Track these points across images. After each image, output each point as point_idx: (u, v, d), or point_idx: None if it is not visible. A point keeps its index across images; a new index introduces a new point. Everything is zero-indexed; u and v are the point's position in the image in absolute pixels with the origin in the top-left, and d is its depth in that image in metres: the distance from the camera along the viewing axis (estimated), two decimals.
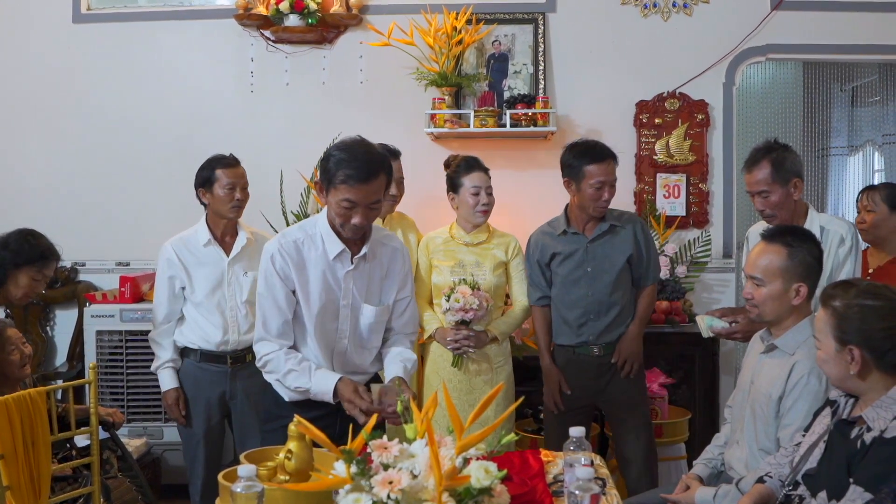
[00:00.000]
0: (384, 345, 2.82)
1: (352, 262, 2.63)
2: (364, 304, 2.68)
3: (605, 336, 3.43)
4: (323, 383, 2.56)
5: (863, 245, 3.81)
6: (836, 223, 3.08)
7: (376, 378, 2.83)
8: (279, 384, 2.65)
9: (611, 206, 3.46)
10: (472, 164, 3.54)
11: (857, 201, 3.82)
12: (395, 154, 3.54)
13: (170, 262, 3.44)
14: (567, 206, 3.54)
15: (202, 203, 3.52)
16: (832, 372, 2.18)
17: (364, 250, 2.63)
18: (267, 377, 2.68)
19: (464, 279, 3.40)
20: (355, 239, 2.61)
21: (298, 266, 2.60)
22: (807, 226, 3.00)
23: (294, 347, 2.65)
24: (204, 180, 3.47)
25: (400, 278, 2.76)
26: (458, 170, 3.54)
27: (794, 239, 2.56)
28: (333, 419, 2.59)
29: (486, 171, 3.54)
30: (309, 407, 2.58)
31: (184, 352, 3.50)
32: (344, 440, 1.79)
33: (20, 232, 3.32)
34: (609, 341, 3.43)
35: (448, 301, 3.34)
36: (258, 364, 2.66)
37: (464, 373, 3.45)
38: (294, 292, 2.61)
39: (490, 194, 3.51)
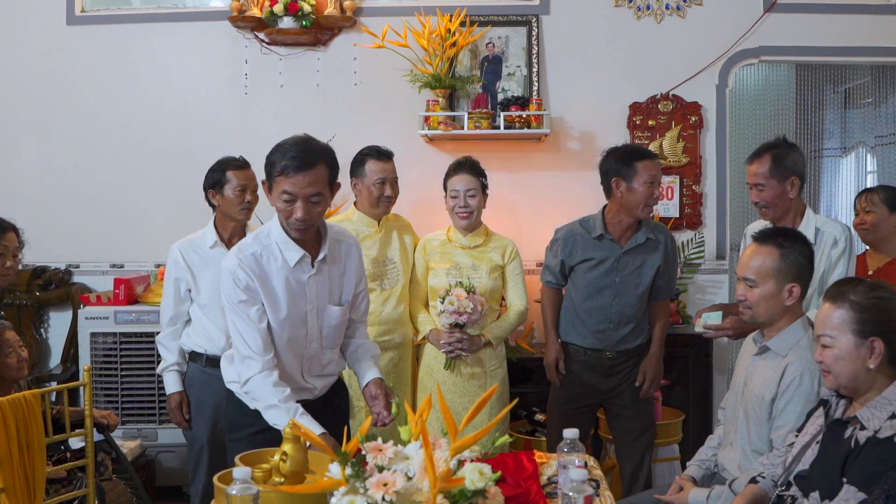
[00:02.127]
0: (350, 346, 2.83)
1: (313, 266, 2.58)
2: (328, 306, 2.66)
3: (620, 345, 3.44)
4: (310, 425, 2.43)
5: (862, 247, 3.84)
6: (831, 225, 3.10)
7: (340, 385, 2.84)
8: (254, 403, 2.55)
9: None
10: (456, 167, 3.55)
11: (855, 203, 3.84)
12: (388, 155, 3.54)
13: (176, 263, 3.42)
14: (604, 209, 3.48)
15: (211, 205, 3.50)
16: (846, 370, 2.14)
17: (323, 253, 2.60)
18: (246, 400, 2.57)
19: (460, 282, 3.40)
20: (305, 238, 2.55)
21: (262, 279, 2.53)
22: (803, 226, 3.02)
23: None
24: (214, 182, 3.45)
25: (357, 273, 2.74)
26: (448, 172, 3.56)
27: (786, 240, 2.57)
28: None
29: (475, 173, 3.53)
30: None
31: (191, 356, 3.47)
32: None
33: None
34: (622, 349, 3.44)
35: (442, 303, 3.35)
36: (240, 385, 2.55)
37: (458, 375, 3.46)
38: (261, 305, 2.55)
39: (472, 196, 3.49)
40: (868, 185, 6.27)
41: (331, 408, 2.75)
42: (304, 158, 2.42)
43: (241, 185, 3.43)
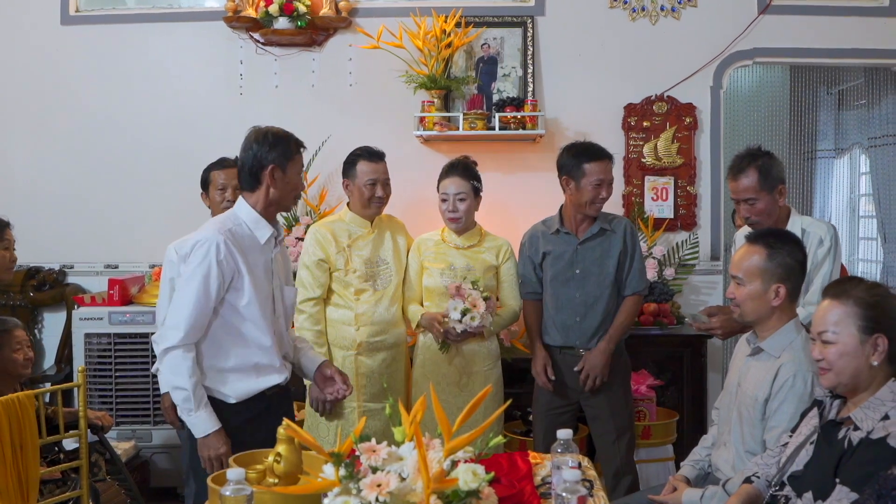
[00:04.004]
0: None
1: (276, 245, 2.75)
2: (285, 286, 2.82)
3: (591, 341, 3.44)
4: (207, 419, 2.57)
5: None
6: (816, 225, 3.12)
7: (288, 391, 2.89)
8: (165, 373, 2.63)
9: (602, 210, 3.51)
10: (448, 170, 3.55)
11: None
12: (379, 155, 3.54)
13: (170, 263, 3.40)
14: (562, 206, 3.55)
15: (209, 207, 3.54)
16: (849, 366, 2.14)
17: (282, 233, 2.80)
18: (160, 367, 2.64)
19: (474, 282, 3.40)
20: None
21: (241, 252, 2.62)
22: (789, 227, 3.04)
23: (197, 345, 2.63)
24: (203, 183, 3.51)
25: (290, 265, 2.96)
26: (441, 174, 3.56)
27: (776, 241, 2.59)
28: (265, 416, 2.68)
29: (467, 176, 3.51)
30: (240, 411, 2.65)
31: None
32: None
33: None
34: (594, 346, 3.44)
35: (462, 316, 3.33)
36: (157, 349, 2.61)
37: (452, 374, 3.46)
38: (230, 283, 2.61)
39: (462, 200, 3.48)
40: (861, 187, 6.32)
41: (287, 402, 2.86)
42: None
43: (223, 183, 3.46)
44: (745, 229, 3.24)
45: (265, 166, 2.65)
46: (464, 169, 3.53)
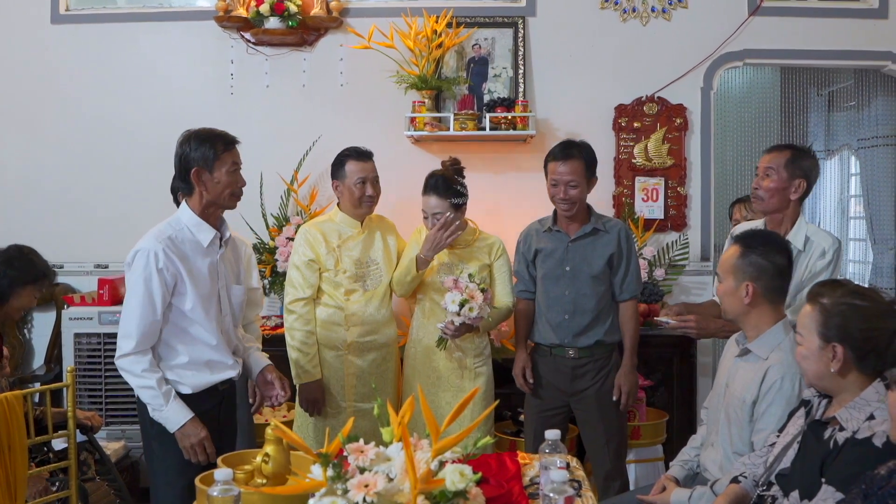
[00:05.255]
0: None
1: (221, 246, 2.81)
2: (233, 285, 2.89)
3: (580, 339, 3.44)
4: (179, 411, 2.65)
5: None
6: (821, 235, 3.09)
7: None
8: (129, 378, 2.67)
9: (598, 212, 3.54)
10: (428, 187, 3.46)
11: (730, 212, 3.83)
12: (367, 155, 3.53)
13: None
14: None
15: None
16: (812, 368, 2.19)
17: (228, 233, 2.85)
18: (124, 375, 2.68)
19: (471, 275, 3.39)
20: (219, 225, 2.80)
21: (182, 258, 2.68)
22: (793, 232, 3.05)
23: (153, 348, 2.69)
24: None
25: (246, 264, 3.04)
26: (423, 186, 3.49)
27: (752, 240, 2.64)
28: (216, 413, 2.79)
29: (447, 195, 3.41)
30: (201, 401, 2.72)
31: None
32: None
33: (20, 249, 3.42)
34: (585, 345, 3.44)
35: (461, 308, 3.32)
36: (119, 362, 2.67)
37: (443, 373, 3.47)
38: (174, 287, 2.67)
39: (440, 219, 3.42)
40: (851, 188, 6.35)
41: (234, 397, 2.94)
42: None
43: None
44: (742, 226, 3.25)
45: (189, 169, 2.69)
46: (443, 186, 3.43)
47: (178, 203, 3.50)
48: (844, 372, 2.15)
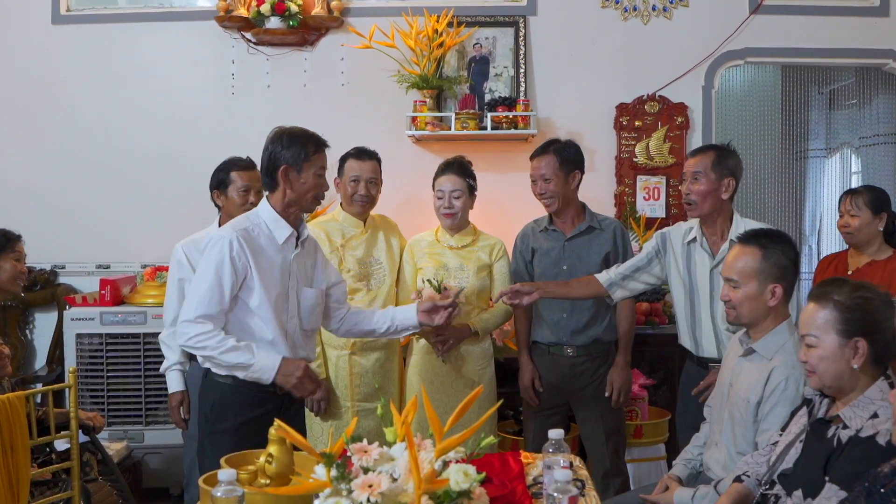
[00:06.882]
0: (352, 319, 3.02)
1: (297, 246, 2.74)
2: (304, 288, 2.79)
3: (578, 337, 3.45)
4: (267, 359, 2.59)
5: (841, 245, 3.85)
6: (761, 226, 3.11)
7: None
8: (210, 361, 2.62)
9: (594, 210, 3.56)
10: (444, 168, 3.55)
11: (839, 204, 3.85)
12: (369, 155, 3.53)
13: (179, 263, 3.40)
14: None
15: (216, 205, 3.53)
16: (830, 370, 2.15)
17: (306, 233, 2.79)
18: (199, 353, 2.61)
19: (429, 280, 3.38)
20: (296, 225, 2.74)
21: (255, 252, 2.63)
22: (733, 229, 3.07)
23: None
24: (219, 182, 3.48)
25: (324, 264, 2.93)
26: (436, 172, 3.56)
27: (769, 240, 2.59)
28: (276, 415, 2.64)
29: (463, 174, 3.51)
30: (253, 405, 2.63)
31: (193, 356, 3.46)
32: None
33: None
34: (582, 343, 3.45)
35: (426, 281, 3.35)
36: (185, 342, 2.59)
37: (446, 375, 3.46)
38: (243, 281, 2.62)
39: (458, 198, 3.48)
40: (852, 186, 6.33)
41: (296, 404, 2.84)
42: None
43: (245, 185, 3.46)
44: (672, 231, 3.24)
45: (278, 167, 2.65)
46: (459, 167, 3.54)
47: (214, 202, 3.51)
48: (864, 368, 2.13)
